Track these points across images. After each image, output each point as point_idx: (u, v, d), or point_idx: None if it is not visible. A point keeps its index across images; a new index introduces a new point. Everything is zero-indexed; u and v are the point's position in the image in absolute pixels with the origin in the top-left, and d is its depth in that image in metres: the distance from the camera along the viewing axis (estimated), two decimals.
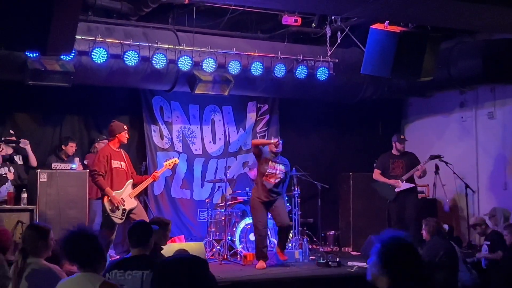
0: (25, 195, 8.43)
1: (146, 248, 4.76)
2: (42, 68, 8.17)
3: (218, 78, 9.30)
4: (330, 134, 11.89)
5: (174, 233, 9.81)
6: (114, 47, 8.60)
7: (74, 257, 4.02)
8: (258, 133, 11.24)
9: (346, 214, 11.00)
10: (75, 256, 4.00)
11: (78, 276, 3.95)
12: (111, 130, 8.25)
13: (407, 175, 9.45)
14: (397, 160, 9.68)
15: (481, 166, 10.57)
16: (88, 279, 3.87)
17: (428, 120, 11.71)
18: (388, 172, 9.61)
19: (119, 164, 8.06)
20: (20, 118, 9.64)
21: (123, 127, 8.26)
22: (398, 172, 9.55)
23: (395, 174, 9.55)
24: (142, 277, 4.49)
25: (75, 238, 4.00)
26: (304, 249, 9.35)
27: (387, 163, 9.70)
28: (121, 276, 4.52)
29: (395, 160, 9.69)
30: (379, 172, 9.71)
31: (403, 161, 9.61)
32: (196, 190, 10.73)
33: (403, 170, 9.54)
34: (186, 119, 10.74)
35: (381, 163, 9.79)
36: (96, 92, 9.75)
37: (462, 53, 9.47)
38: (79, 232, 4.04)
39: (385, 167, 9.68)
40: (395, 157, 9.71)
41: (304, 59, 9.81)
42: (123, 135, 8.19)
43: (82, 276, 3.92)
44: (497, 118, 10.38)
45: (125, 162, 8.17)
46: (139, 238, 4.78)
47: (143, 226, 4.95)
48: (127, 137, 8.37)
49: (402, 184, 9.41)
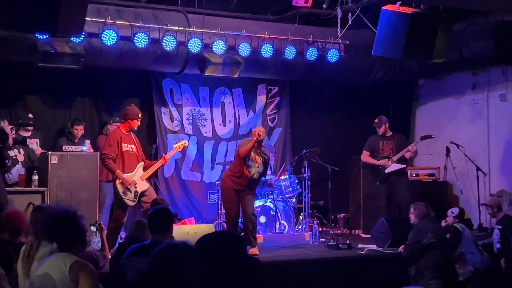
0: (36, 177, 8.47)
1: (166, 235, 4.71)
2: (52, 50, 8.17)
3: (228, 60, 9.27)
4: (341, 117, 11.86)
5: (184, 215, 9.88)
6: (124, 29, 8.58)
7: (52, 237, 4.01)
8: (268, 116, 11.22)
9: (356, 197, 10.99)
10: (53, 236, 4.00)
11: (54, 256, 3.94)
12: (126, 113, 8.19)
13: (397, 156, 9.49)
14: (386, 141, 9.72)
15: (493, 149, 10.52)
16: (61, 259, 3.86)
17: (439, 103, 11.63)
18: (377, 154, 9.66)
19: (130, 147, 8.05)
20: (30, 100, 9.65)
21: (138, 114, 8.16)
22: (388, 153, 9.59)
23: (384, 156, 9.59)
24: None
25: (54, 219, 3.99)
26: (314, 231, 9.36)
27: (377, 144, 9.74)
28: (140, 263, 4.50)
29: (384, 142, 9.72)
30: (368, 153, 9.76)
31: (393, 142, 9.67)
32: (206, 173, 10.74)
33: (392, 152, 9.57)
34: (196, 102, 10.73)
35: (370, 144, 9.84)
36: (106, 74, 9.76)
37: (474, 34, 9.38)
38: (59, 213, 4.03)
39: (374, 149, 9.74)
40: (384, 138, 9.75)
41: (314, 41, 9.75)
42: (135, 122, 8.11)
43: (57, 256, 3.92)
44: (509, 101, 10.30)
45: (136, 146, 8.16)
46: (159, 224, 4.75)
47: (163, 213, 4.89)
48: (139, 125, 8.28)
49: (392, 164, 9.43)
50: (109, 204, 9.02)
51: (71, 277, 3.74)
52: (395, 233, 8.46)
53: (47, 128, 9.63)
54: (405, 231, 7.76)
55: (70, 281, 3.74)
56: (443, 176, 10.77)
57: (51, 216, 4.03)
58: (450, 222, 8.06)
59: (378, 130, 9.83)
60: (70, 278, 3.74)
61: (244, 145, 8.28)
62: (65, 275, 3.76)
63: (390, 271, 7.67)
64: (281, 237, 9.07)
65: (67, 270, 3.77)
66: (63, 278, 3.75)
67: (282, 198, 9.59)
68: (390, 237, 8.53)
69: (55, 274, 3.79)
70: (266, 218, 9.29)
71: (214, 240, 2.52)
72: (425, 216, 7.54)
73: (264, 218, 9.27)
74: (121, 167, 7.92)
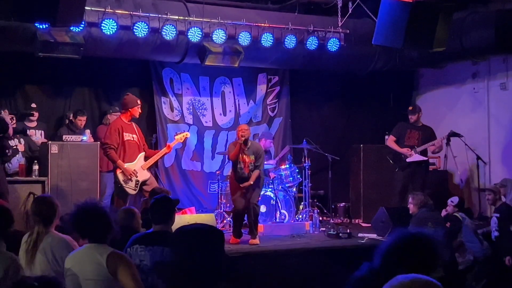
0: (36, 167, 8.47)
1: (168, 224, 4.69)
2: (52, 40, 8.16)
3: (228, 50, 9.25)
4: (341, 106, 11.85)
5: (185, 204, 9.88)
6: (124, 18, 8.56)
7: (85, 232, 4.08)
8: (269, 105, 11.21)
9: (356, 186, 10.99)
10: (86, 231, 4.07)
11: (86, 248, 4.01)
12: (124, 103, 8.19)
13: (422, 147, 9.42)
14: (414, 131, 9.62)
15: (493, 138, 10.52)
16: (96, 250, 3.93)
17: (439, 92, 11.63)
18: (402, 141, 9.57)
19: (131, 136, 8.04)
20: (31, 90, 9.65)
21: (137, 101, 8.16)
22: (413, 143, 9.51)
23: (409, 144, 9.51)
24: (162, 252, 4.43)
25: (85, 214, 4.06)
26: (315, 220, 9.37)
27: (404, 131, 9.63)
28: (142, 251, 4.49)
29: (412, 130, 9.63)
30: (394, 139, 9.65)
31: (420, 133, 9.56)
32: (206, 162, 10.74)
33: (418, 142, 9.49)
34: (196, 91, 10.72)
35: (397, 130, 9.74)
36: (106, 64, 9.75)
37: (474, 23, 9.36)
38: (88, 208, 4.10)
39: (400, 135, 9.63)
40: (412, 127, 9.66)
41: (315, 30, 9.73)
42: (135, 110, 8.10)
43: (91, 247, 3.99)
44: (509, 89, 10.29)
45: (137, 135, 8.15)
46: (161, 214, 4.72)
47: (166, 202, 4.85)
48: (140, 112, 8.28)
49: (415, 155, 9.37)
50: (110, 194, 9.03)
51: (109, 269, 3.83)
52: (396, 222, 8.47)
53: (47, 118, 9.62)
54: (405, 220, 7.78)
55: (108, 272, 3.81)
56: (443, 165, 10.77)
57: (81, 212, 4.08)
58: (450, 211, 8.09)
59: (411, 117, 9.71)
60: (108, 269, 3.83)
61: (231, 150, 8.31)
62: (102, 266, 3.85)
63: None
64: (282, 227, 9.08)
65: (104, 262, 3.86)
66: (100, 268, 3.85)
67: (283, 188, 9.59)
68: (390, 226, 8.54)
69: (89, 265, 3.86)
70: (266, 207, 9.31)
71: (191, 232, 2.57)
72: (424, 205, 7.56)
73: (265, 207, 9.28)
74: (122, 157, 7.92)
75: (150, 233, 4.68)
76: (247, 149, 8.23)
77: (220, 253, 2.60)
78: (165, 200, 4.87)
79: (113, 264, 3.85)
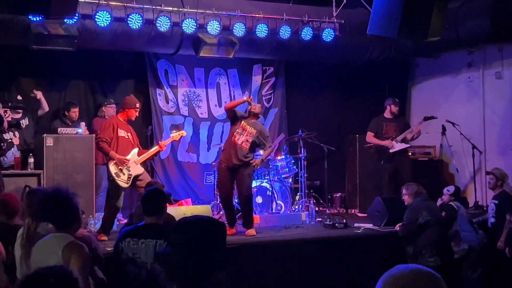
0: (32, 160, 8.47)
1: (159, 217, 4.66)
2: (46, 32, 8.13)
3: (223, 41, 9.23)
4: (337, 96, 11.85)
5: (181, 196, 9.90)
6: (118, 10, 8.53)
7: (47, 217, 4.06)
8: (264, 96, 11.20)
9: (352, 176, 11.01)
10: (48, 216, 4.04)
11: (50, 237, 3.99)
12: (124, 102, 8.13)
13: (401, 136, 9.61)
14: (389, 123, 9.82)
15: (488, 127, 10.53)
16: (57, 240, 3.90)
17: (435, 81, 11.63)
18: (381, 135, 9.72)
19: (126, 134, 7.98)
20: (25, 83, 9.60)
21: (136, 104, 8.05)
22: (391, 135, 9.66)
23: (388, 137, 9.67)
24: (155, 246, 4.42)
25: (47, 199, 4.03)
26: (311, 211, 9.38)
27: (380, 126, 9.81)
28: (134, 245, 4.48)
29: (387, 123, 9.81)
30: (372, 134, 9.82)
31: (396, 124, 9.80)
32: (202, 154, 10.74)
33: (396, 133, 9.64)
34: (192, 83, 10.70)
35: (374, 125, 9.89)
36: (101, 56, 9.72)
37: (470, 12, 9.35)
38: (51, 193, 4.07)
39: (378, 130, 9.78)
40: (387, 120, 9.86)
41: (309, 20, 9.72)
42: (132, 112, 8.00)
43: (53, 237, 3.97)
44: (504, 78, 10.29)
45: (132, 135, 8.10)
46: (152, 206, 4.69)
47: (156, 194, 4.81)
48: (137, 115, 8.18)
49: (396, 144, 9.50)
50: (106, 187, 8.98)
51: (64, 259, 3.78)
52: (391, 211, 8.49)
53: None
54: (401, 209, 7.80)
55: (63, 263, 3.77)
56: (439, 154, 10.80)
57: (44, 197, 4.07)
58: (446, 200, 8.10)
59: (396, 109, 9.91)
60: (63, 260, 3.78)
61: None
62: (59, 257, 3.80)
63: (387, 249, 7.71)
64: (278, 217, 9.09)
65: (60, 253, 3.82)
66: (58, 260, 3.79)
67: (279, 178, 9.60)
68: (386, 216, 8.56)
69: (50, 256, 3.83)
70: (262, 198, 9.32)
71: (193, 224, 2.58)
72: (418, 194, 7.56)
73: (261, 198, 9.30)
74: (115, 151, 7.88)
75: (142, 226, 4.66)
76: (252, 122, 8.20)
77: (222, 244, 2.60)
78: (157, 192, 4.85)
79: (67, 255, 3.80)
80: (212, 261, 2.56)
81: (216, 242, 2.60)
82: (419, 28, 6.87)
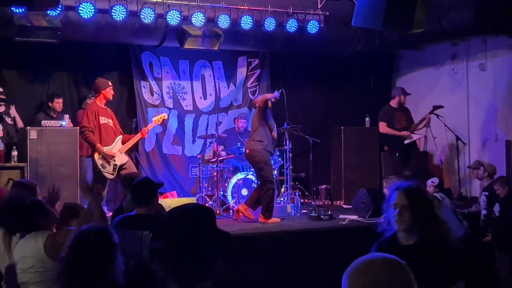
0: (15, 153, 8.40)
1: (149, 208, 4.63)
2: (29, 24, 8.06)
3: (208, 33, 9.20)
4: (321, 89, 11.85)
5: (166, 189, 9.86)
6: (101, 1, 8.47)
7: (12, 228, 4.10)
8: (249, 88, 11.19)
9: (337, 168, 11.04)
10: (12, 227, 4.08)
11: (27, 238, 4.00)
12: (96, 86, 8.25)
13: (418, 126, 9.62)
14: (399, 113, 9.79)
15: (472, 118, 10.59)
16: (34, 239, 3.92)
17: (419, 73, 11.67)
18: (393, 125, 9.68)
19: (107, 120, 8.04)
20: (8, 75, 9.53)
21: (108, 83, 8.25)
22: (403, 124, 9.64)
23: (400, 127, 9.63)
24: (141, 237, 4.40)
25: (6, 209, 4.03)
26: (296, 203, 9.40)
27: (392, 115, 9.77)
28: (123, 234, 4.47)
29: (397, 113, 9.78)
30: (385, 124, 9.76)
31: (405, 114, 9.75)
32: (187, 146, 10.72)
33: (407, 123, 9.65)
34: (176, 75, 10.66)
35: (386, 115, 9.84)
36: (84, 48, 9.65)
37: (453, 4, 9.35)
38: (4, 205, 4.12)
39: (390, 120, 9.74)
40: (396, 110, 9.82)
41: (294, 12, 9.70)
42: (108, 91, 8.15)
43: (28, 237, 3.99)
44: (488, 70, 10.34)
45: (112, 120, 8.13)
46: (142, 196, 4.65)
47: (147, 184, 4.77)
48: (113, 94, 8.32)
49: (413, 135, 9.56)
50: (90, 179, 8.96)
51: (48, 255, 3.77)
52: (376, 203, 8.51)
53: (25, 103, 9.51)
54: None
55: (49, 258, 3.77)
56: (423, 146, 10.84)
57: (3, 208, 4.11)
58: (431, 191, 8.14)
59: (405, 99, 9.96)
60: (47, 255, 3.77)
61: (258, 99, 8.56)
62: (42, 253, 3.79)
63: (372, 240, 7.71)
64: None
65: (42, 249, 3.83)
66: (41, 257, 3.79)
67: None
68: (371, 207, 8.59)
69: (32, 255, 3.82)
70: (248, 190, 9.31)
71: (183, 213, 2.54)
72: None
73: (246, 190, 9.29)
74: (99, 140, 7.90)
75: (132, 216, 4.64)
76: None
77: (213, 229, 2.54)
78: (147, 181, 4.82)
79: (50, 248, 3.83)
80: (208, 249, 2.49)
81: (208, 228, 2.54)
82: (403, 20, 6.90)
